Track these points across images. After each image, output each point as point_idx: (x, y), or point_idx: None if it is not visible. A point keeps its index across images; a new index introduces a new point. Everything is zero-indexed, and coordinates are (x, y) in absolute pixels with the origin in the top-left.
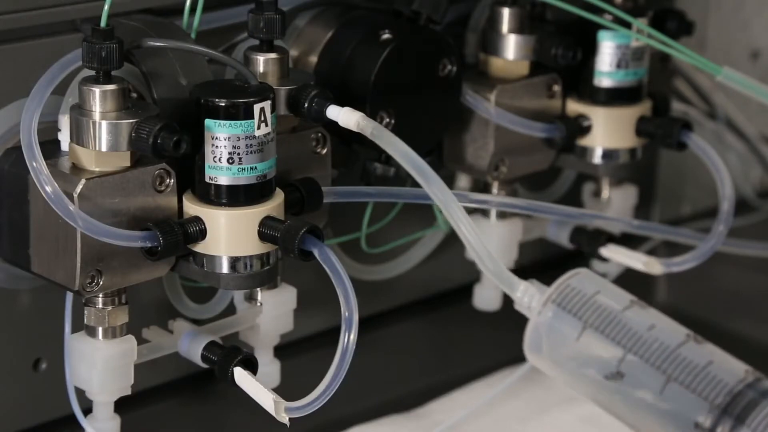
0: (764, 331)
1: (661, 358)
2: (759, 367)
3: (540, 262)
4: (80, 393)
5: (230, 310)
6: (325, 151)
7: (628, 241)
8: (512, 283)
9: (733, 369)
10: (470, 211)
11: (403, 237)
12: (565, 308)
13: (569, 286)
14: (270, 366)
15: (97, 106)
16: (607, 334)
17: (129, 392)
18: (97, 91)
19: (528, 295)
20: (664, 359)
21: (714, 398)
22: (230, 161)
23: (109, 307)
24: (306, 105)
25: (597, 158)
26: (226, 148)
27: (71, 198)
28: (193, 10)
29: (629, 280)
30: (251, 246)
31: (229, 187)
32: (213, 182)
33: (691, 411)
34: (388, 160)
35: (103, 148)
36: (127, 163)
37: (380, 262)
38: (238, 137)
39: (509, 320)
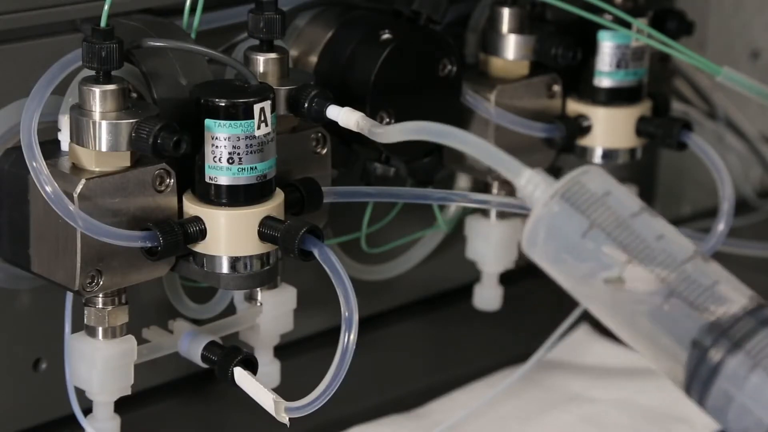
0: None
1: (666, 271)
2: None
3: None
4: (80, 393)
5: (230, 310)
6: (325, 151)
7: None
8: (517, 168)
9: (737, 291)
10: (470, 211)
11: (403, 237)
12: (573, 204)
13: (579, 182)
14: (270, 366)
15: (97, 106)
16: (614, 237)
17: (129, 392)
18: (97, 91)
19: (533, 184)
20: (670, 272)
21: (716, 319)
22: (230, 161)
23: (109, 307)
24: (306, 105)
25: (597, 158)
26: (226, 148)
27: (71, 198)
28: (193, 10)
29: None
30: (251, 246)
31: (229, 187)
32: (213, 182)
33: (690, 328)
34: (388, 160)
35: (103, 148)
36: (127, 163)
37: (380, 262)
38: (238, 137)
39: (509, 320)
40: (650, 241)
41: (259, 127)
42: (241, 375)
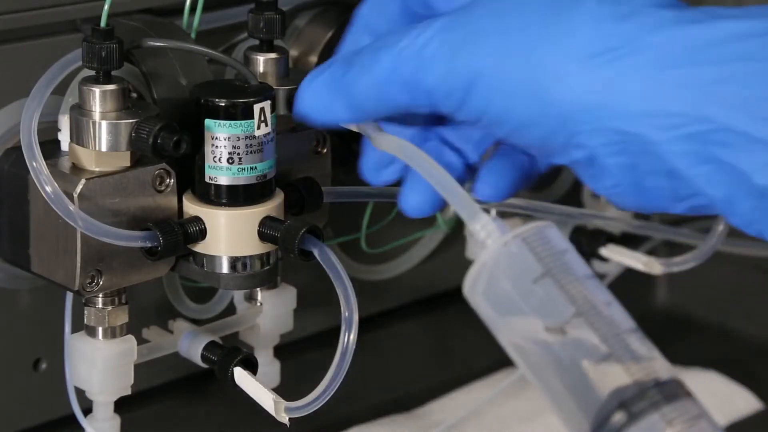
0: (764, 331)
1: (608, 334)
2: (759, 367)
3: None
4: (80, 393)
5: (230, 310)
6: (325, 151)
7: (628, 241)
8: (473, 212)
9: (666, 368)
10: None
11: (403, 237)
12: (532, 249)
13: (541, 231)
14: (270, 366)
15: (97, 106)
16: (566, 291)
17: (129, 392)
18: (97, 91)
19: (486, 231)
20: (612, 336)
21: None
22: (230, 161)
23: (109, 307)
24: None
25: None
26: (226, 148)
27: (71, 198)
28: (193, 10)
29: (629, 280)
30: (251, 246)
31: (229, 187)
32: (213, 182)
33: (617, 393)
34: None
35: (103, 148)
36: (127, 163)
37: (380, 262)
38: (238, 137)
39: None
40: (599, 303)
41: (259, 127)
42: (241, 375)
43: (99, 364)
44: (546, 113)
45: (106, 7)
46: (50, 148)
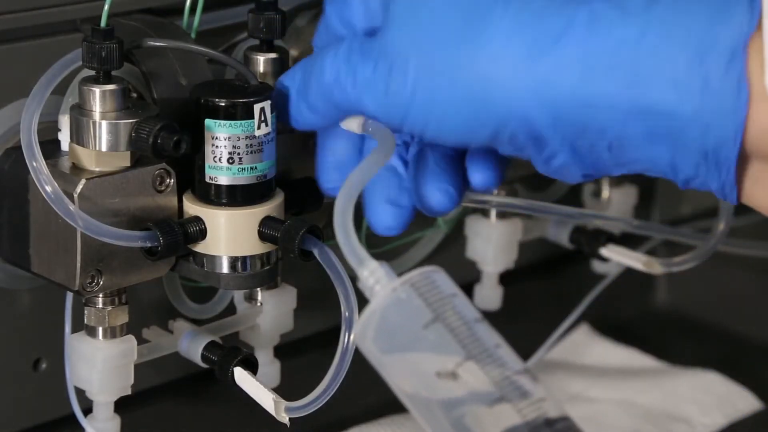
0: (764, 331)
1: (499, 377)
2: (759, 367)
3: (540, 262)
4: (80, 393)
5: (230, 310)
6: None
7: (628, 241)
8: (362, 258)
9: (555, 408)
10: (470, 211)
11: (403, 237)
12: (421, 295)
13: (430, 277)
14: (270, 366)
15: (97, 106)
16: (456, 334)
17: (129, 392)
18: (97, 91)
19: (375, 277)
20: (502, 378)
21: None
22: (230, 161)
23: (109, 307)
24: None
25: None
26: (226, 148)
27: (71, 198)
28: (193, 10)
29: (629, 280)
30: (251, 246)
31: (229, 187)
32: (213, 182)
33: None
34: None
35: (103, 148)
36: (127, 163)
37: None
38: (238, 137)
39: (509, 320)
40: (489, 345)
41: (259, 127)
42: (241, 375)
43: (99, 364)
44: (484, 120)
45: (106, 7)
46: (50, 148)
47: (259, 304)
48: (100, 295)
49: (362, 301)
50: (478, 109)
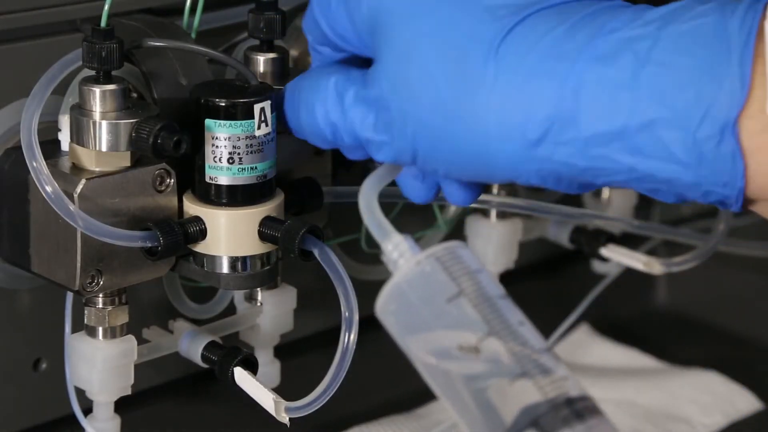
0: (764, 331)
1: (521, 354)
2: (759, 367)
3: (540, 262)
4: (80, 393)
5: (230, 310)
6: (325, 151)
7: (628, 241)
8: (386, 231)
9: (576, 387)
10: (470, 211)
11: None
12: (446, 269)
13: (455, 252)
14: (270, 366)
15: (97, 106)
16: (480, 310)
17: (129, 392)
18: (97, 91)
19: (399, 251)
20: (524, 356)
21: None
22: (230, 161)
23: (109, 307)
24: None
25: None
26: (226, 148)
27: (71, 198)
28: (193, 10)
29: (629, 280)
30: (251, 246)
31: (229, 187)
32: (213, 182)
33: (531, 410)
34: None
35: (103, 148)
36: (127, 163)
37: (380, 262)
38: (238, 137)
39: None
40: (512, 322)
41: (259, 127)
42: (241, 375)
43: (99, 364)
44: (488, 177)
45: (106, 7)
46: (50, 148)
47: (259, 304)
48: (100, 295)
49: (362, 301)
50: (481, 170)
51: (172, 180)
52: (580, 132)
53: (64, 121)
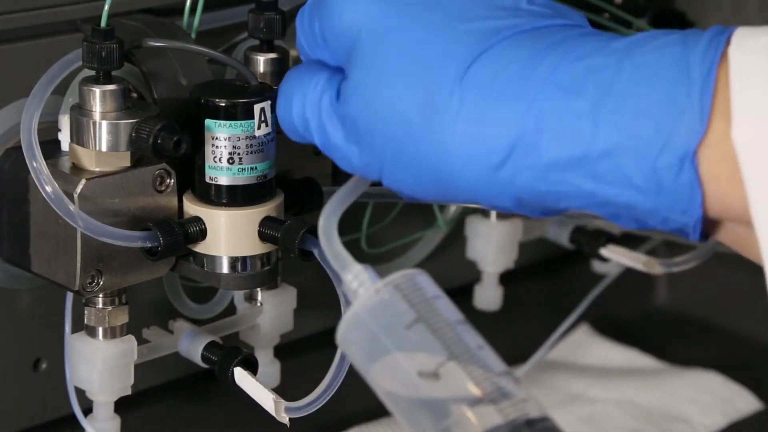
0: (764, 331)
1: (481, 377)
2: (759, 367)
3: (540, 262)
4: (80, 393)
5: (230, 310)
6: None
7: (628, 241)
8: (346, 262)
9: (537, 409)
10: (470, 211)
11: (403, 237)
12: (404, 296)
13: (412, 279)
14: (270, 366)
15: (97, 106)
16: (439, 335)
17: (129, 392)
18: (97, 91)
19: (358, 281)
20: (484, 379)
21: None
22: (230, 161)
23: (109, 307)
24: None
25: None
26: (226, 149)
27: (71, 198)
28: (193, 10)
29: (629, 280)
30: (251, 246)
31: (229, 187)
32: (213, 182)
33: None
34: None
35: (103, 148)
36: (127, 163)
37: (380, 262)
38: (238, 137)
39: (509, 320)
40: (472, 346)
41: (259, 127)
42: (241, 375)
43: (99, 364)
44: (452, 197)
45: (106, 7)
46: (50, 148)
47: (259, 304)
48: (100, 295)
49: None
50: (444, 192)
51: (172, 180)
52: (541, 158)
53: (64, 121)
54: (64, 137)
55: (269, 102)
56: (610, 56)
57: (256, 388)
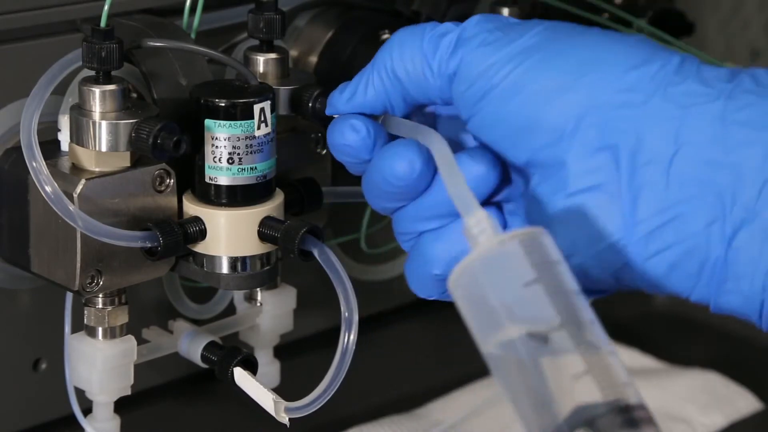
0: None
1: (589, 352)
2: (759, 367)
3: None
4: (80, 393)
5: (230, 310)
6: (325, 151)
7: None
8: (470, 205)
9: (636, 395)
10: None
11: None
12: (528, 253)
13: (538, 239)
14: (270, 366)
15: (97, 107)
16: (553, 300)
17: (129, 392)
18: (97, 91)
19: (479, 228)
20: (591, 354)
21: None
22: (230, 161)
23: (109, 307)
24: (310, 104)
25: None
26: (226, 149)
27: (71, 198)
28: (193, 10)
29: None
30: (251, 246)
31: (229, 187)
32: (213, 182)
33: (588, 409)
34: None
35: (103, 148)
36: (127, 163)
37: (380, 262)
38: (238, 137)
39: None
40: (584, 319)
41: (259, 128)
42: (241, 375)
43: (99, 364)
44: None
45: (106, 7)
46: (50, 148)
47: (259, 304)
48: (100, 295)
49: (362, 301)
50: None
51: (172, 180)
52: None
53: (64, 121)
54: (64, 137)
55: (269, 102)
56: None
57: (256, 388)
